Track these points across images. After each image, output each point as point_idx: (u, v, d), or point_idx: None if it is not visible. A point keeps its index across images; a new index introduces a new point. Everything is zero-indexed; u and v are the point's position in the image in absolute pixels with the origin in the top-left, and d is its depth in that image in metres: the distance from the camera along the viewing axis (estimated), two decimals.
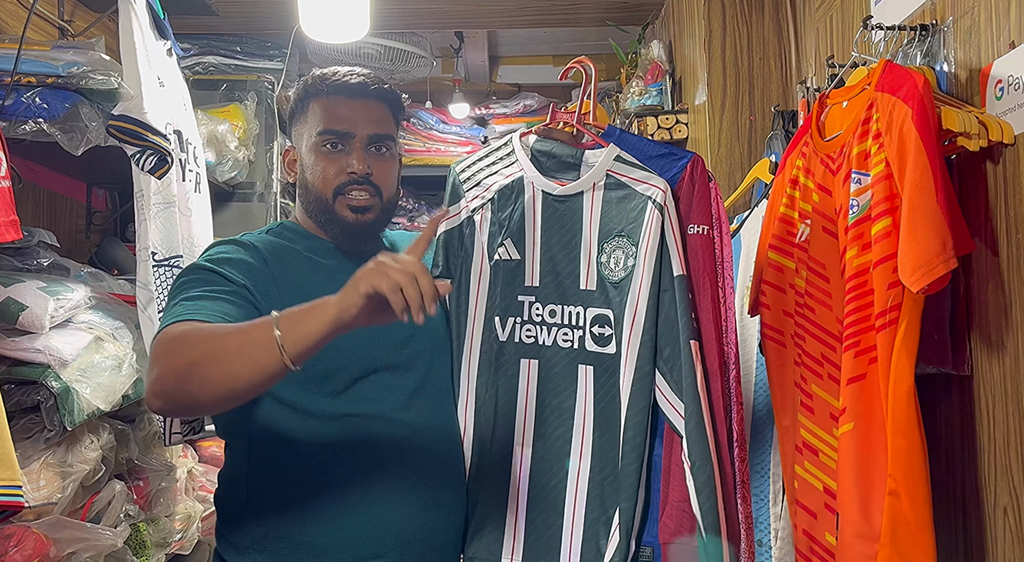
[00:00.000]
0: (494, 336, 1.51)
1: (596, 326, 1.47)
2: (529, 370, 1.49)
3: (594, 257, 1.47)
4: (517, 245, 1.52)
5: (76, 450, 1.63)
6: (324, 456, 1.37)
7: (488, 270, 1.52)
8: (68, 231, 2.42)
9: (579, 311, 1.47)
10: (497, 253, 1.52)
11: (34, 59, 1.58)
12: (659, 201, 1.43)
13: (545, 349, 1.49)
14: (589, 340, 1.47)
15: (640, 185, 1.46)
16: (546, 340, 1.49)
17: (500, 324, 1.51)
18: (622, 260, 1.45)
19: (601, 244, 1.47)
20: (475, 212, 1.55)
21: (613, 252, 1.46)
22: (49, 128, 1.56)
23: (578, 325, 1.48)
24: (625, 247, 1.45)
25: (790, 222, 1.63)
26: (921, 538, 1.31)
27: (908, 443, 1.33)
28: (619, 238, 1.46)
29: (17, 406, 1.57)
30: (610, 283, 1.46)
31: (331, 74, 1.48)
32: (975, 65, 1.42)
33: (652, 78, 2.72)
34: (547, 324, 1.50)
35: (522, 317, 1.51)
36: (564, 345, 1.48)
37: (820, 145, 1.57)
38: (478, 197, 1.55)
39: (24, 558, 1.49)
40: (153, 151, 1.75)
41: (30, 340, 1.58)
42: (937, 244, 1.26)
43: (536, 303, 1.50)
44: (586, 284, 1.48)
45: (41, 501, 1.53)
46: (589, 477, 1.45)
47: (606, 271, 1.46)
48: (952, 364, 1.44)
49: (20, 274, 1.69)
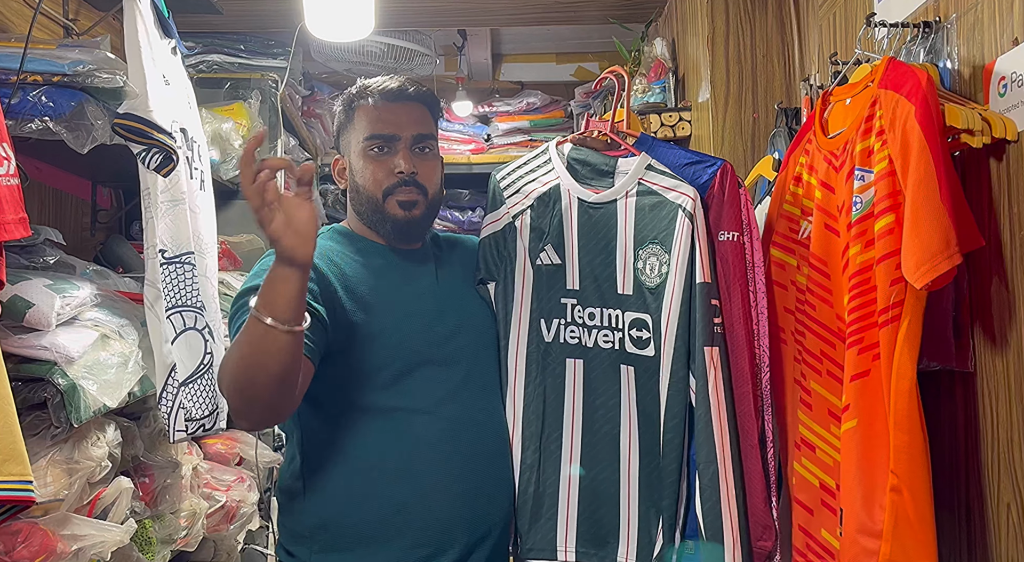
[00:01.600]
0: (540, 337, 1.58)
1: (634, 329, 1.54)
2: (575, 369, 1.56)
3: (630, 263, 1.54)
4: (557, 250, 1.59)
5: (82, 447, 1.63)
6: (373, 449, 1.45)
7: (531, 273, 1.59)
8: (74, 229, 2.43)
9: (617, 314, 1.54)
10: (539, 257, 1.59)
11: (40, 58, 1.58)
12: (688, 209, 1.49)
13: (588, 350, 1.56)
14: (628, 343, 1.54)
15: (670, 193, 1.52)
16: (588, 341, 1.56)
17: (545, 325, 1.58)
18: (656, 266, 1.52)
19: (637, 250, 1.54)
20: (516, 218, 1.62)
21: (648, 258, 1.53)
22: (55, 126, 1.57)
23: (617, 327, 1.55)
24: (659, 254, 1.52)
25: (792, 219, 1.63)
26: (923, 534, 1.32)
27: (910, 440, 1.33)
28: (653, 245, 1.53)
29: (24, 403, 1.57)
30: (647, 289, 1.53)
31: (372, 83, 1.58)
32: (978, 62, 1.42)
33: (655, 76, 2.72)
34: (588, 326, 1.56)
35: (566, 319, 1.57)
36: (605, 346, 1.55)
37: (823, 142, 1.57)
38: (519, 203, 1.62)
39: (31, 554, 1.49)
40: (159, 149, 1.75)
41: (36, 337, 1.58)
42: (940, 240, 1.27)
43: (578, 305, 1.57)
44: (623, 288, 1.55)
45: (48, 497, 1.54)
46: (639, 470, 1.52)
47: (643, 277, 1.53)
48: (955, 361, 1.44)
49: (26, 272, 1.69)
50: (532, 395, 1.56)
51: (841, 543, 1.43)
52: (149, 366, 1.82)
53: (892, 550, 1.33)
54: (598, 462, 1.54)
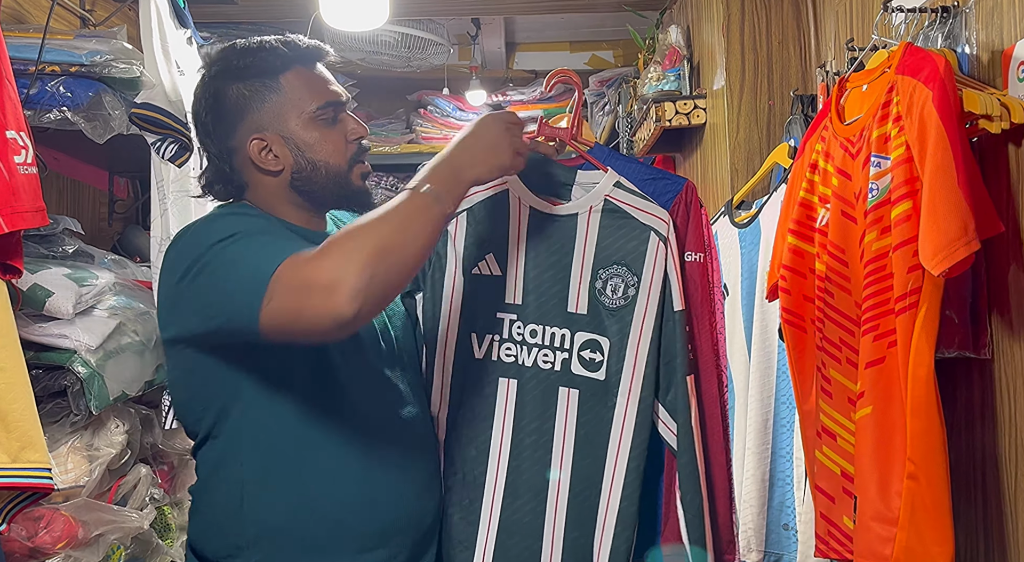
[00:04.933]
0: (469, 354, 1.45)
1: (587, 350, 1.44)
2: (508, 390, 1.44)
3: (586, 281, 1.44)
4: (499, 260, 1.46)
5: (102, 434, 1.66)
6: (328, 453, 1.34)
7: (462, 283, 1.46)
8: (91, 219, 2.44)
9: (564, 333, 1.44)
10: (477, 267, 1.46)
11: (58, 48, 1.60)
12: (663, 233, 1.43)
13: (524, 369, 1.45)
14: (576, 363, 1.44)
15: (642, 214, 1.45)
16: (526, 360, 1.45)
17: (477, 341, 1.45)
18: (621, 288, 1.43)
19: (596, 269, 1.44)
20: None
21: (610, 279, 1.44)
22: (73, 117, 1.58)
23: (563, 347, 1.44)
24: (625, 276, 1.44)
25: (810, 207, 1.63)
26: (939, 521, 1.32)
27: (927, 426, 1.33)
28: (617, 266, 1.44)
29: (44, 391, 1.59)
30: (606, 310, 1.44)
31: (293, 41, 1.38)
32: (997, 47, 1.41)
33: (670, 63, 2.71)
34: (528, 344, 1.45)
35: (501, 335, 1.45)
36: (544, 366, 1.44)
37: (840, 129, 1.56)
38: None
39: (53, 539, 1.52)
40: (174, 139, 1.76)
41: (56, 326, 1.60)
42: (958, 227, 1.26)
43: (517, 321, 1.45)
44: (576, 307, 1.44)
45: (69, 484, 1.56)
46: (568, 500, 1.43)
47: (602, 298, 1.44)
48: (973, 348, 1.44)
49: (46, 261, 1.71)
50: (457, 418, 1.45)
51: (855, 530, 1.43)
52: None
53: (908, 537, 1.33)
54: (523, 490, 1.43)
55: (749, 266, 1.99)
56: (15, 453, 1.24)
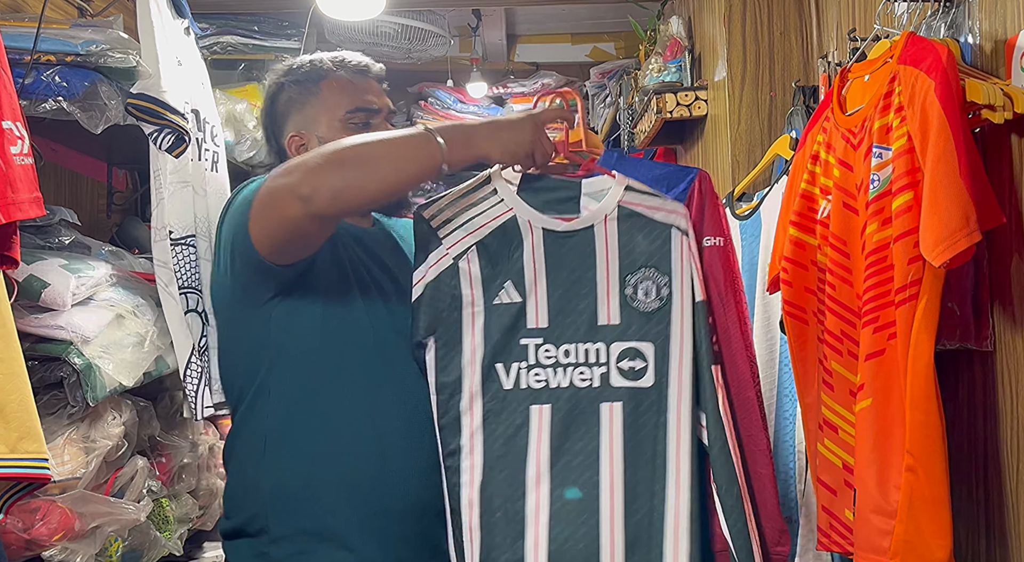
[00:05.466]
0: (497, 386, 1.42)
1: (626, 360, 1.42)
2: (540, 417, 1.41)
3: (615, 290, 1.43)
4: (518, 287, 1.44)
5: (99, 426, 1.65)
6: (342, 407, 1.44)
7: (483, 316, 1.43)
8: (89, 211, 2.44)
9: (599, 347, 1.42)
10: (497, 297, 1.43)
11: (53, 37, 1.59)
12: (683, 227, 1.44)
13: (559, 391, 1.42)
14: (616, 375, 1.42)
15: (658, 213, 1.45)
16: (561, 382, 1.42)
17: (504, 371, 1.42)
18: (654, 290, 1.43)
19: (624, 277, 1.43)
20: (460, 258, 1.43)
21: (640, 283, 1.43)
22: (69, 106, 1.58)
23: (599, 362, 1.42)
24: (655, 277, 1.43)
25: (811, 198, 1.62)
26: (938, 514, 1.31)
27: (926, 419, 1.32)
28: (645, 269, 1.43)
29: (41, 382, 1.59)
30: (643, 315, 1.43)
31: (340, 57, 1.57)
32: (1000, 36, 1.40)
33: (671, 54, 2.70)
34: (561, 365, 1.42)
35: (527, 361, 1.42)
36: (582, 385, 1.42)
37: (841, 119, 1.55)
38: (461, 241, 1.43)
39: (50, 531, 1.51)
40: (171, 130, 1.75)
41: (52, 317, 1.60)
42: (959, 217, 1.25)
43: (545, 344, 1.42)
44: (608, 319, 1.43)
45: (65, 476, 1.56)
46: (625, 521, 1.39)
47: (636, 304, 1.43)
48: (974, 340, 1.43)
49: (42, 252, 1.71)
50: (490, 454, 1.40)
51: (854, 523, 1.42)
52: (165, 346, 1.82)
53: (907, 530, 1.32)
54: (572, 517, 1.38)
55: (750, 258, 1.98)
56: (13, 444, 1.24)
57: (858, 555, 1.40)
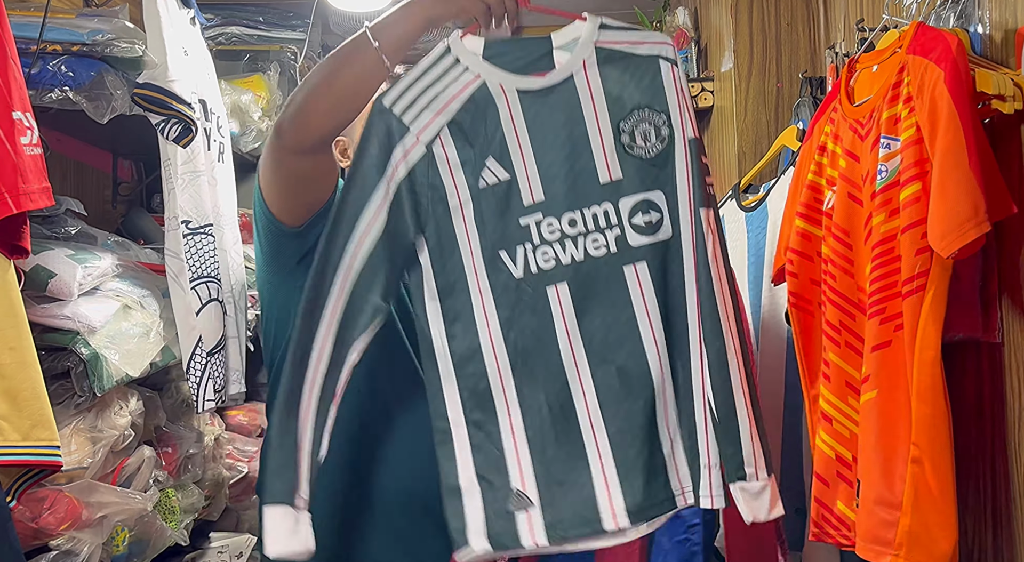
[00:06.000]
0: (507, 275, 1.29)
1: (639, 214, 1.30)
2: (559, 297, 1.29)
3: (609, 141, 1.30)
4: (502, 162, 1.30)
5: (106, 416, 1.65)
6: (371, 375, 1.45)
7: (471, 203, 1.30)
8: (95, 202, 2.43)
9: (607, 209, 1.29)
10: (481, 179, 1.30)
11: (59, 27, 1.58)
12: (671, 56, 1.31)
13: (575, 266, 1.29)
14: (632, 234, 1.29)
15: (641, 47, 1.32)
16: (575, 255, 1.29)
17: (509, 258, 1.29)
18: (653, 132, 1.30)
19: (618, 124, 1.30)
20: (432, 144, 1.30)
21: (637, 127, 1.30)
22: (75, 96, 1.57)
23: (611, 224, 1.29)
24: (652, 117, 1.30)
25: (818, 189, 1.61)
26: (943, 506, 1.31)
27: (932, 411, 1.32)
28: (639, 110, 1.30)
29: (47, 372, 1.58)
30: (647, 161, 1.30)
31: None
32: (1011, 26, 1.39)
33: (677, 45, 2.69)
34: (568, 237, 1.29)
35: (532, 241, 1.29)
36: (597, 254, 1.29)
37: (849, 110, 1.54)
38: (431, 124, 1.30)
39: (57, 521, 1.51)
40: (178, 120, 1.75)
41: (59, 307, 1.59)
42: (968, 208, 1.25)
43: (546, 218, 1.29)
44: (609, 176, 1.30)
45: (73, 465, 1.56)
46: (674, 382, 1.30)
47: (636, 150, 1.30)
48: (982, 332, 1.42)
49: (48, 242, 1.70)
50: (518, 353, 1.29)
51: (858, 514, 1.42)
52: (170, 337, 1.83)
53: (912, 522, 1.32)
54: (624, 398, 1.28)
55: (756, 250, 1.98)
56: (26, 431, 1.26)
57: (862, 547, 1.40)
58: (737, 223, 2.06)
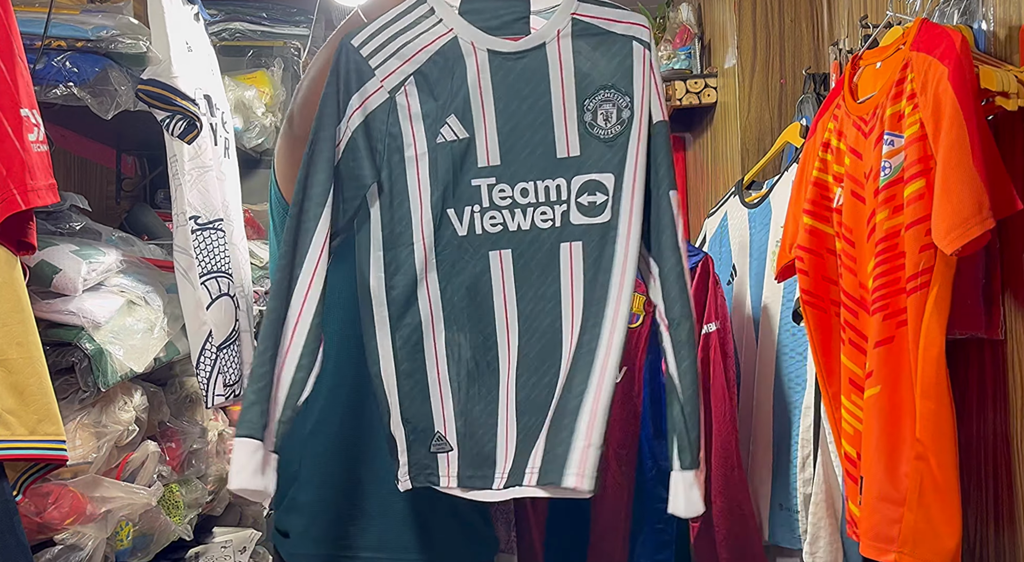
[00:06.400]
0: (451, 232, 1.30)
1: (585, 194, 1.30)
2: (501, 262, 1.30)
3: (572, 117, 1.29)
4: (463, 120, 1.29)
5: (110, 411, 1.65)
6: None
7: (427, 156, 1.30)
8: (99, 197, 2.44)
9: (559, 183, 1.29)
10: (440, 134, 1.29)
11: (64, 23, 1.59)
12: (645, 39, 1.30)
13: (520, 234, 1.30)
14: (576, 212, 1.30)
15: (618, 25, 1.30)
16: (522, 224, 1.30)
17: (456, 217, 1.30)
18: (614, 114, 1.29)
19: (582, 101, 1.29)
20: (397, 91, 1.29)
21: (600, 107, 1.29)
22: (80, 92, 1.57)
23: (560, 199, 1.30)
24: (615, 99, 1.29)
25: (825, 187, 1.61)
26: (948, 502, 1.31)
27: (936, 407, 1.32)
28: (605, 90, 1.29)
29: (52, 367, 1.58)
30: (603, 141, 1.30)
31: None
32: (1015, 22, 1.39)
33: (681, 42, 2.69)
34: (519, 206, 1.30)
35: (481, 204, 1.30)
36: (543, 226, 1.30)
37: (853, 107, 1.54)
38: (397, 71, 1.29)
39: (62, 515, 1.52)
40: (182, 116, 1.75)
41: (63, 302, 1.60)
42: (972, 205, 1.25)
43: (499, 184, 1.29)
44: (567, 151, 1.29)
45: (77, 460, 1.56)
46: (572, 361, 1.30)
47: (596, 130, 1.29)
48: (985, 329, 1.42)
49: (53, 237, 1.71)
50: (452, 306, 1.31)
51: (861, 510, 1.42)
52: (175, 332, 1.83)
53: (916, 518, 1.32)
54: (535, 369, 1.30)
55: (759, 246, 1.98)
56: (33, 426, 1.27)
57: (866, 545, 1.40)
58: (740, 219, 2.06)
